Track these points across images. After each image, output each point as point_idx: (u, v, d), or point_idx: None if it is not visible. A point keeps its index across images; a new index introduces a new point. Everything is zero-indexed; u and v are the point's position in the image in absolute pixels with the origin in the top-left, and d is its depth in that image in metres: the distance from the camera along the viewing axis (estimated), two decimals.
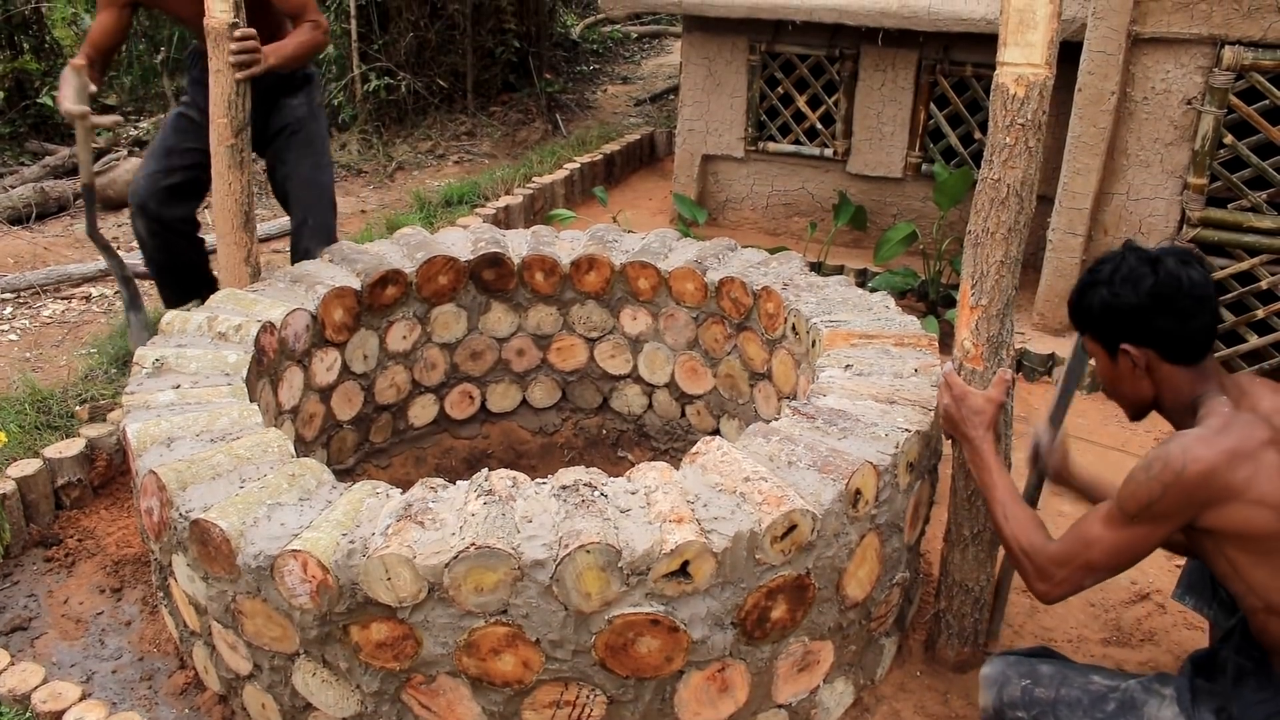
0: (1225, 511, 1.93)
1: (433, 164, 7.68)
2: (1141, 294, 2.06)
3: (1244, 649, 2.14)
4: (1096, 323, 2.15)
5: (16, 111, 7.57)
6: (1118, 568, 2.10)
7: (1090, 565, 2.09)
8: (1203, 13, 4.08)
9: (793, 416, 2.57)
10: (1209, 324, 2.08)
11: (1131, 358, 2.12)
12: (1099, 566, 2.09)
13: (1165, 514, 1.98)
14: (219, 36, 3.16)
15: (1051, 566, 2.14)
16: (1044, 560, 2.15)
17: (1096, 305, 2.13)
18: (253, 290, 3.29)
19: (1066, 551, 2.12)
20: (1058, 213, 4.55)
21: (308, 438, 3.35)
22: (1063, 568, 2.12)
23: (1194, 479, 1.93)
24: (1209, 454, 1.93)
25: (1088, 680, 2.22)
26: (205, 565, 2.27)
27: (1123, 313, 2.09)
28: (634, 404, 3.87)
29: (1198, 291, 2.05)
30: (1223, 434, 1.96)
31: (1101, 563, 2.08)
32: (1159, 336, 2.08)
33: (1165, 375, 2.12)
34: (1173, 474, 1.95)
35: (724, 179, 6.21)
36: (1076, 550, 2.10)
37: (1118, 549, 2.06)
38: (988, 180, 2.32)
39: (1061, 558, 2.13)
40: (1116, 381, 2.20)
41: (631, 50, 11.64)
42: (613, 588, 2.08)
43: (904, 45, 5.41)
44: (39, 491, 3.29)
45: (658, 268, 3.61)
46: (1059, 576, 2.13)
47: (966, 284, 2.40)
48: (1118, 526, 2.05)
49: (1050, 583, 2.15)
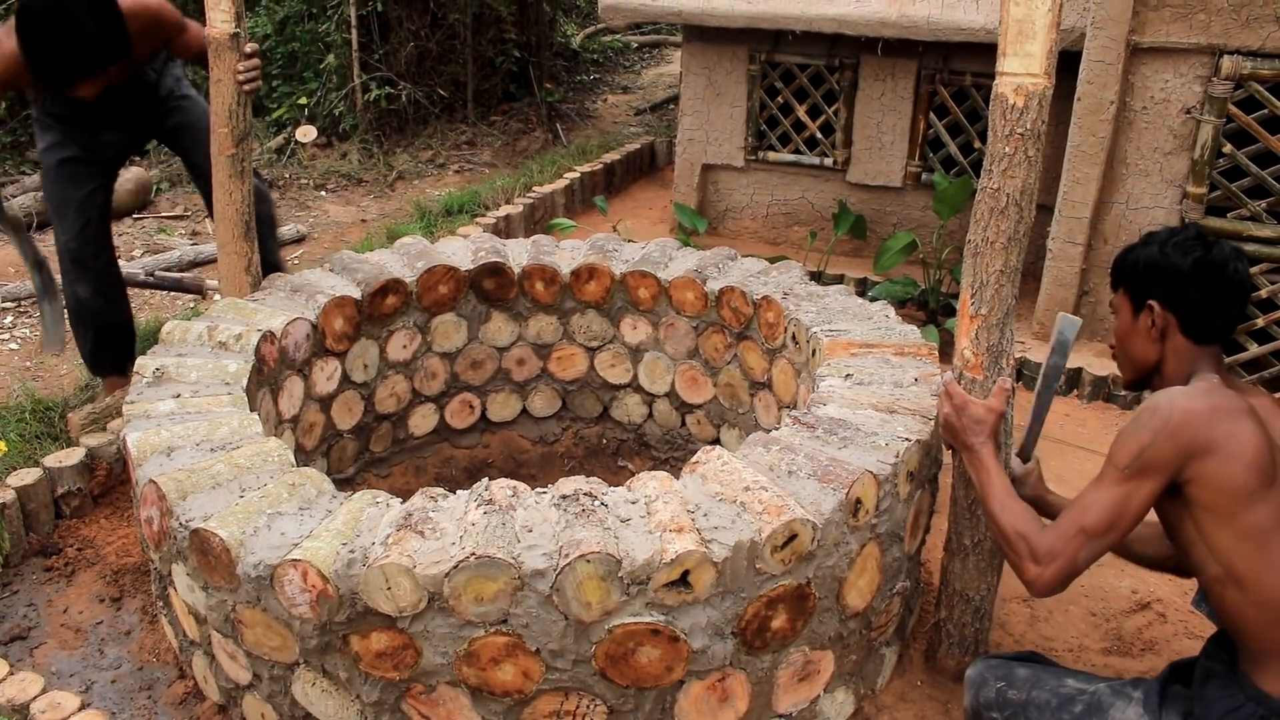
0: (1203, 463, 1.97)
1: (433, 173, 7.69)
2: (1188, 261, 2.14)
3: (1215, 653, 2.15)
4: (1135, 275, 2.22)
5: (18, 120, 7.58)
6: (1110, 530, 2.07)
7: (1086, 530, 2.07)
8: (1201, 22, 4.09)
9: (793, 426, 2.57)
10: (1235, 314, 2.16)
11: (1153, 316, 2.18)
12: (1095, 530, 2.07)
13: (1155, 463, 2.00)
14: (220, 47, 3.17)
15: (1047, 541, 2.11)
16: (1038, 539, 2.13)
17: (1142, 260, 2.20)
18: (253, 299, 3.29)
19: (1060, 524, 2.11)
20: (1057, 221, 4.56)
21: (308, 447, 3.35)
22: (1058, 540, 2.09)
23: (1180, 424, 1.98)
24: (1193, 403, 2.00)
25: (1060, 683, 2.23)
26: (205, 575, 2.27)
27: (1163, 271, 2.16)
28: (634, 413, 3.87)
29: (1238, 280, 2.14)
30: (1206, 395, 2.03)
31: (1097, 525, 2.06)
32: (1187, 306, 2.15)
33: (1176, 346, 2.19)
34: (1161, 420, 1.99)
35: (724, 188, 6.22)
36: (1071, 520, 2.09)
37: (1112, 507, 2.05)
38: (987, 189, 2.32)
39: (1056, 531, 2.11)
40: (1130, 338, 2.26)
41: (632, 60, 11.66)
42: (613, 597, 2.08)
43: (903, 55, 5.42)
44: (39, 500, 3.29)
45: (658, 277, 3.61)
46: (1055, 550, 2.09)
47: (966, 293, 2.40)
48: (1110, 484, 2.06)
49: (1045, 561, 2.10)
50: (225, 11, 3.14)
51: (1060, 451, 3.93)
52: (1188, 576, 2.49)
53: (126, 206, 6.60)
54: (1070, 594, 3.17)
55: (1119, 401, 4.39)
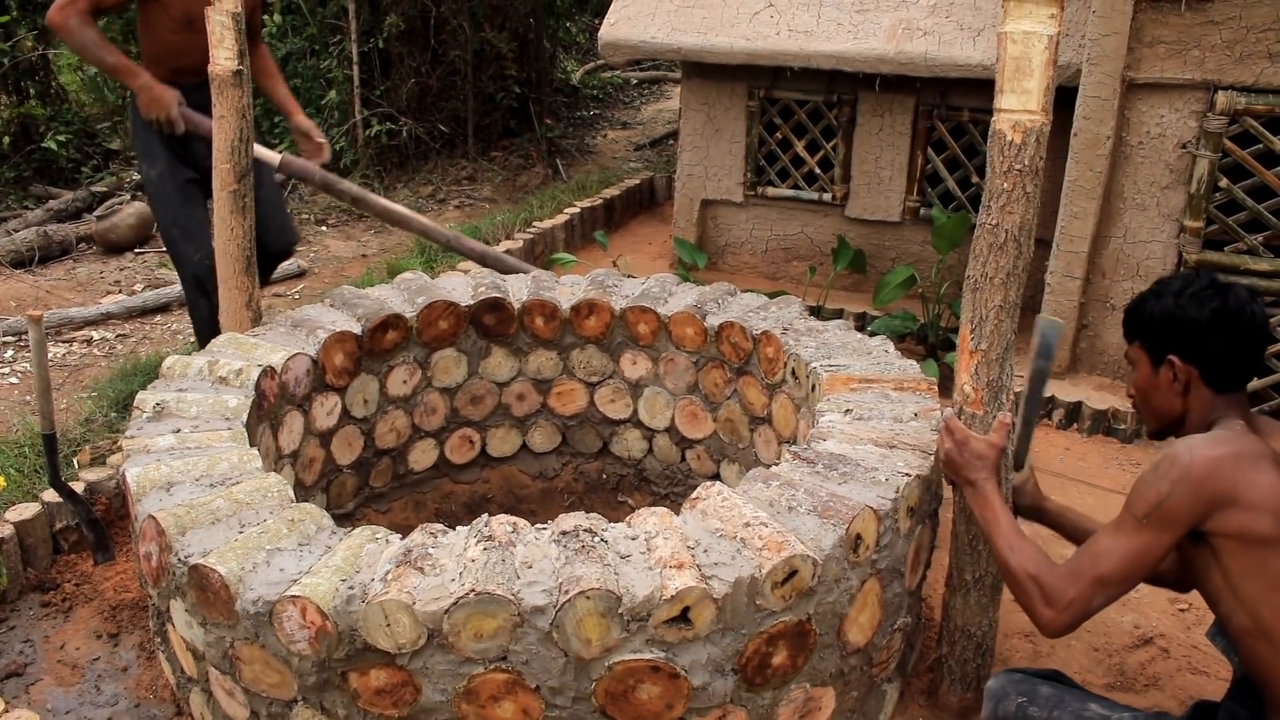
0: (1227, 515, 1.94)
1: (434, 208, 7.72)
2: (1205, 312, 2.10)
3: (1241, 698, 2.12)
4: (1152, 329, 2.19)
5: (21, 156, 7.63)
6: (1126, 580, 2.05)
7: (1101, 579, 2.05)
8: (1195, 58, 4.12)
9: (793, 461, 2.57)
10: (1257, 359, 2.14)
11: (1175, 371, 2.15)
12: (1110, 579, 2.04)
13: (1174, 514, 1.97)
14: (223, 84, 3.19)
15: (1060, 587, 2.09)
16: (1051, 582, 2.10)
17: (1158, 313, 2.17)
18: (254, 334, 3.30)
19: (1075, 569, 2.08)
20: (1055, 256, 4.57)
21: (307, 482, 3.35)
22: (1072, 586, 2.07)
23: (1200, 474, 1.94)
24: (1214, 452, 1.96)
25: (1084, 706, 2.21)
26: (204, 611, 2.26)
27: (1182, 325, 2.13)
28: (634, 448, 3.87)
29: (1257, 325, 2.11)
30: (1228, 442, 2.00)
31: (1113, 575, 2.04)
32: (1208, 357, 2.12)
33: (1199, 396, 2.16)
34: (1180, 470, 1.96)
35: (723, 223, 6.24)
36: (1085, 566, 2.07)
37: (1129, 557, 2.02)
38: (986, 225, 2.33)
39: (1070, 577, 2.08)
40: (1151, 392, 2.23)
41: (631, 96, 11.75)
42: (613, 634, 2.07)
43: (901, 91, 5.46)
44: (37, 536, 3.28)
45: (657, 312, 3.62)
46: (1068, 597, 2.07)
47: (966, 329, 2.41)
48: (1127, 533, 2.03)
49: (1058, 606, 2.09)
50: (229, 49, 3.17)
51: (1061, 486, 3.92)
52: (1185, 591, 2.48)
53: (128, 241, 6.63)
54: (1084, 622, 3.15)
55: (1119, 435, 4.39)
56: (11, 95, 7.94)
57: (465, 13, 8.22)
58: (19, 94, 7.97)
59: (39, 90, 8.07)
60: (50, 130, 7.73)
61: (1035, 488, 2.57)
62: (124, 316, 5.52)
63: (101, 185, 7.57)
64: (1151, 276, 4.43)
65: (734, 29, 5.52)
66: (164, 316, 5.59)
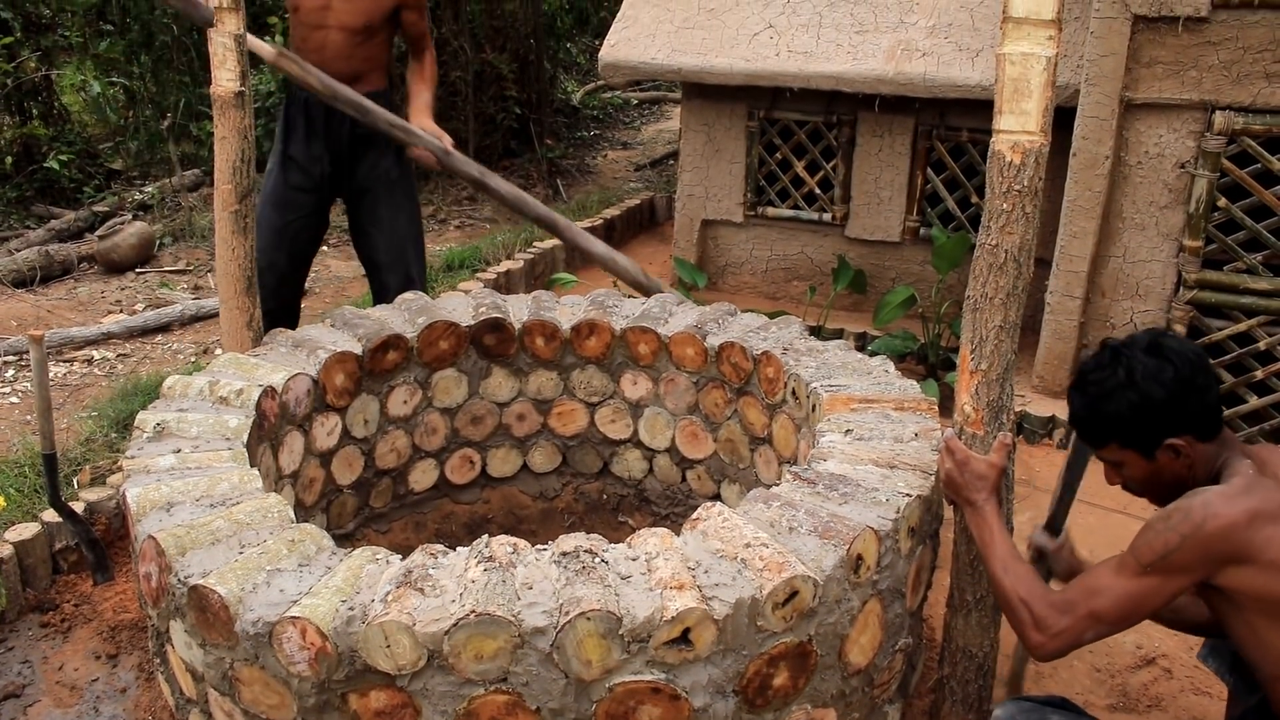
0: (1242, 573, 1.90)
1: (434, 229, 7.74)
2: (1169, 384, 2.03)
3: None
4: (1128, 427, 2.09)
5: (24, 176, 7.65)
6: (1122, 621, 2.03)
7: (1095, 615, 2.03)
8: (1193, 79, 4.14)
9: (793, 482, 2.57)
10: (1218, 391, 2.09)
11: (1176, 449, 2.07)
12: (1104, 618, 2.02)
13: (1180, 567, 1.94)
14: (225, 105, 3.21)
15: (1052, 614, 2.07)
16: (1043, 608, 2.08)
17: (1126, 411, 2.07)
18: (255, 354, 3.30)
19: (1069, 600, 2.06)
20: (1055, 276, 4.58)
21: (308, 502, 3.34)
22: (1064, 616, 2.05)
23: (1213, 533, 1.90)
24: (1230, 510, 1.91)
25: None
26: (203, 632, 2.25)
27: (1157, 409, 2.05)
28: (635, 469, 3.87)
29: (1204, 363, 2.06)
30: (1246, 494, 1.94)
31: (1107, 613, 2.02)
32: (1193, 420, 2.05)
33: (1200, 455, 2.08)
34: (1192, 526, 1.92)
35: (724, 243, 6.26)
36: (1080, 599, 2.04)
37: (1126, 600, 2.00)
38: (985, 246, 2.34)
39: (1063, 605, 2.07)
40: (1156, 477, 2.14)
41: (631, 116, 11.79)
42: (613, 655, 2.06)
43: (900, 111, 5.48)
44: (36, 556, 3.28)
45: (658, 333, 3.62)
46: (1059, 626, 2.05)
47: (966, 349, 2.41)
48: (1129, 576, 2.00)
49: (1048, 633, 2.07)
50: (231, 70, 3.19)
51: None
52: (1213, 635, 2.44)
53: (129, 261, 6.64)
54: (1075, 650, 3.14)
55: None
56: (14, 115, 7.97)
57: (466, 34, 8.27)
58: (22, 114, 8.01)
59: (42, 110, 8.11)
60: (52, 150, 7.76)
61: (1071, 553, 2.54)
62: (125, 336, 5.53)
63: (103, 205, 7.60)
64: (1151, 296, 4.44)
65: (734, 50, 5.55)
66: (165, 336, 5.60)
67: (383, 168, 4.22)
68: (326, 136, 4.12)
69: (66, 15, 8.38)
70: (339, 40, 4.02)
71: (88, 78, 8.19)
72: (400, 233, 4.27)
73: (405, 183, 4.29)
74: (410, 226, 4.31)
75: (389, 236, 4.25)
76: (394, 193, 4.25)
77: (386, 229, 4.25)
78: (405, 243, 4.28)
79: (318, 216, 4.26)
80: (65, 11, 8.33)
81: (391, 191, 4.24)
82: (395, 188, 4.25)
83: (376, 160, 4.21)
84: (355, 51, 4.06)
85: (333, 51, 4.01)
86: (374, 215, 4.25)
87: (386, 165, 4.22)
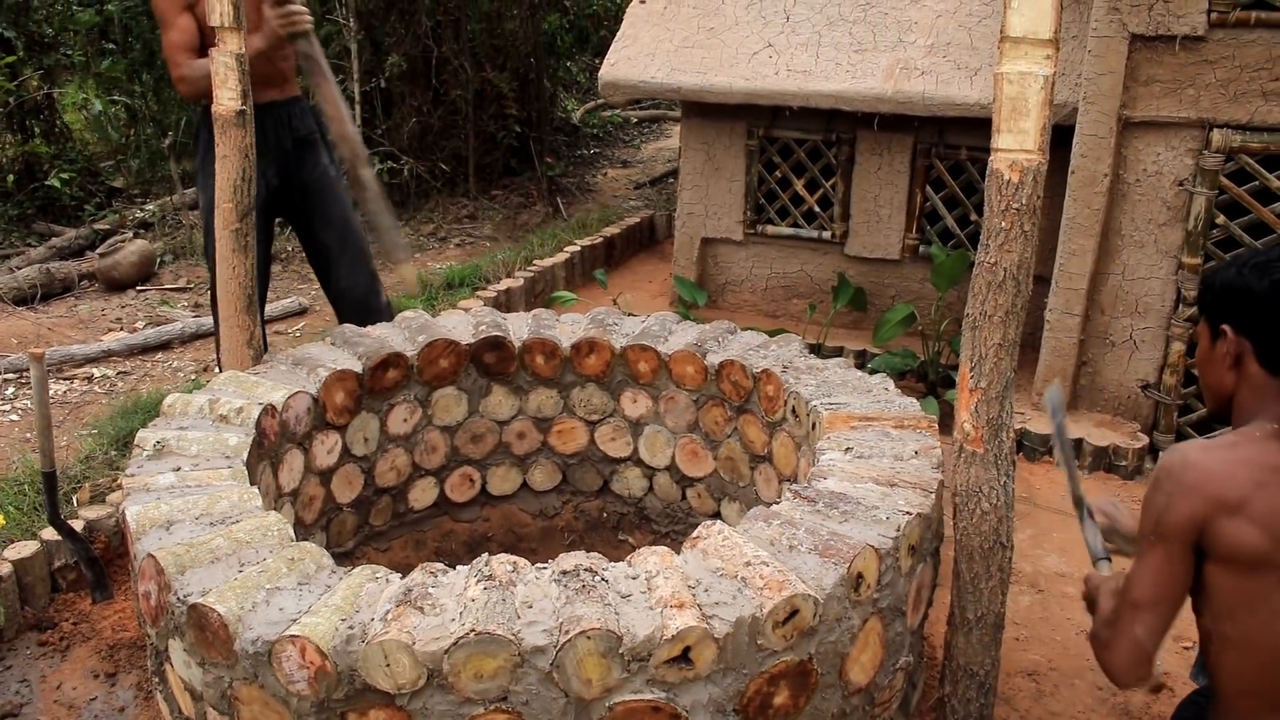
0: (1220, 526, 1.86)
1: (435, 247, 7.75)
2: (1265, 283, 1.96)
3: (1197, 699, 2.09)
4: (1212, 299, 2.06)
5: (25, 194, 7.67)
6: (1161, 601, 1.96)
7: (1135, 604, 1.97)
8: (1190, 97, 4.16)
9: (793, 500, 2.57)
10: None
11: (1227, 342, 2.02)
12: (1142, 603, 1.96)
13: (1175, 526, 1.90)
14: (226, 124, 3.22)
15: (1104, 629, 2.03)
16: (1098, 627, 2.05)
17: (1219, 283, 2.05)
18: (255, 372, 3.30)
19: (1113, 606, 2.03)
20: (1054, 293, 4.59)
21: (307, 520, 3.34)
22: (1112, 624, 2.01)
23: (1191, 481, 1.87)
24: (1204, 458, 1.89)
25: None
26: (202, 650, 2.25)
27: (1237, 294, 2.00)
28: (635, 487, 3.86)
29: None
30: (1226, 447, 1.91)
31: (1144, 598, 1.96)
32: (1262, 331, 1.98)
33: (1250, 375, 2.01)
34: (1174, 480, 1.90)
35: (723, 261, 6.27)
36: (1120, 599, 2.01)
37: (1150, 577, 1.95)
38: (984, 264, 2.34)
39: (1109, 615, 2.03)
40: (1206, 365, 2.11)
41: (631, 134, 11.83)
42: (614, 674, 2.06)
43: (899, 130, 5.50)
44: (35, 574, 3.27)
45: (658, 351, 3.63)
46: (1110, 635, 2.00)
47: (965, 366, 2.41)
48: (1145, 555, 1.97)
49: (1109, 648, 2.01)
50: (232, 89, 3.20)
51: (1063, 522, 3.91)
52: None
53: (129, 278, 6.65)
54: (1076, 668, 3.14)
55: (1120, 471, 4.38)
56: (17, 134, 8.00)
57: (467, 53, 8.30)
58: (24, 132, 8.03)
59: (43, 129, 8.14)
60: (54, 168, 7.78)
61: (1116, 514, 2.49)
62: (125, 354, 5.53)
63: (104, 223, 7.62)
64: (1150, 313, 4.45)
65: (733, 69, 5.57)
66: (165, 354, 5.60)
67: (322, 166, 4.23)
68: (271, 147, 4.05)
69: (69, 34, 8.42)
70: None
71: (90, 96, 8.22)
72: (352, 226, 4.29)
73: (341, 180, 4.30)
74: (357, 219, 4.32)
75: (343, 234, 4.26)
76: (338, 190, 4.27)
77: (338, 226, 4.26)
78: (359, 237, 4.30)
79: (264, 233, 4.18)
80: (68, 31, 8.36)
81: (336, 189, 4.26)
82: (336, 185, 4.27)
83: (317, 160, 4.22)
84: (274, 53, 3.97)
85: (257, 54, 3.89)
86: (324, 214, 4.25)
87: (325, 164, 4.24)
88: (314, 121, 4.25)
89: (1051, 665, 3.17)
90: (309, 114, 4.24)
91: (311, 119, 4.24)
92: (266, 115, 3.94)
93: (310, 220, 4.28)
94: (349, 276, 4.26)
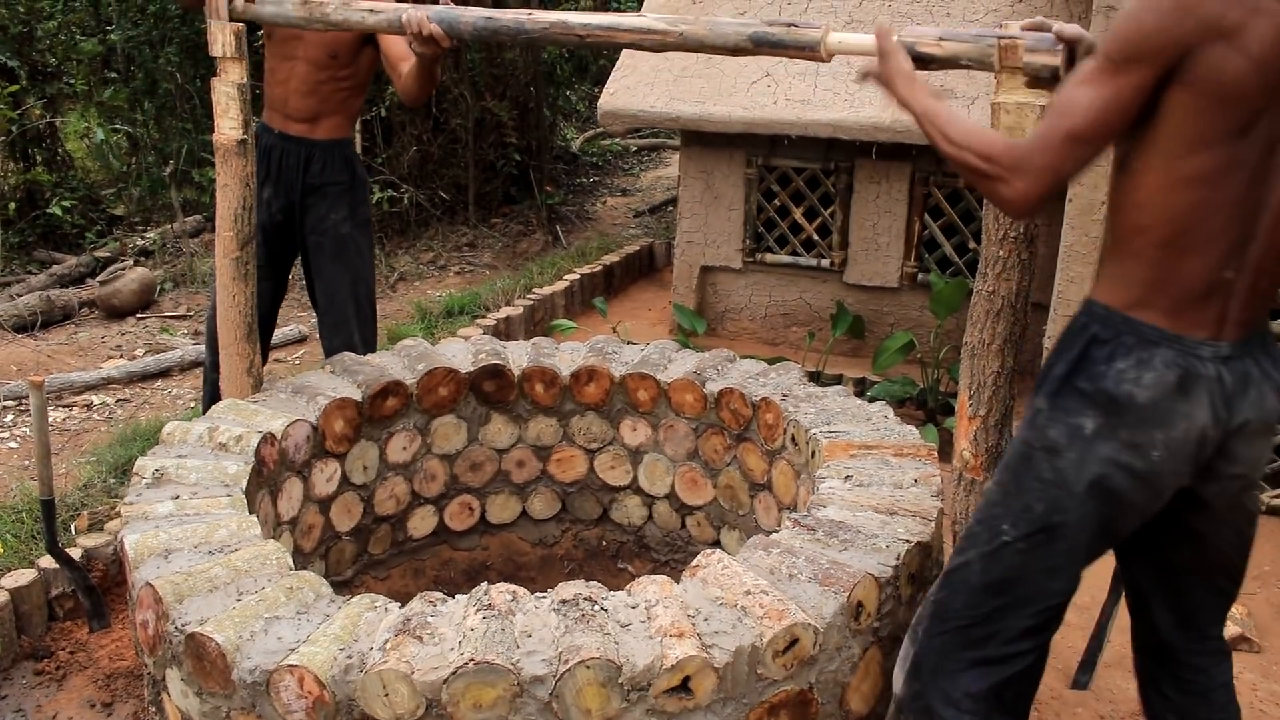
0: (1208, 50, 1.73)
1: (434, 274, 7.77)
2: None
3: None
4: None
5: (26, 221, 7.70)
6: (1100, 136, 1.83)
7: (1073, 135, 1.81)
8: None
9: (793, 528, 2.56)
10: None
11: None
12: (1082, 135, 1.81)
13: (1158, 47, 1.75)
14: (227, 153, 3.23)
15: (1030, 155, 1.84)
16: (1018, 154, 1.86)
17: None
18: (254, 401, 3.30)
19: (1042, 132, 1.85)
20: (1053, 320, 4.59)
21: (306, 549, 3.33)
22: (1040, 152, 1.83)
23: (1187, 1, 1.73)
24: None
25: None
26: (200, 680, 2.24)
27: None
28: (634, 515, 3.86)
29: None
30: None
31: (1085, 129, 1.81)
32: None
33: None
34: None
35: (722, 290, 6.28)
36: (1053, 125, 1.83)
37: (1102, 106, 1.79)
38: (983, 293, 2.35)
39: (1036, 141, 1.85)
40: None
41: (630, 163, 11.87)
42: (613, 704, 2.05)
43: (897, 158, 5.53)
44: (32, 602, 3.26)
45: (657, 379, 3.63)
46: (1039, 162, 1.83)
47: (964, 394, 2.42)
48: (1098, 79, 1.81)
49: (1029, 175, 1.84)
50: (234, 119, 3.22)
51: None
52: None
53: (130, 306, 6.66)
54: (1078, 697, 3.12)
55: None
56: (18, 162, 8.03)
57: (466, 82, 8.34)
58: (26, 161, 8.07)
59: (45, 157, 8.17)
60: (55, 196, 7.81)
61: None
62: (125, 381, 5.53)
63: (105, 250, 7.63)
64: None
65: (732, 98, 5.61)
66: (165, 381, 5.60)
67: (331, 221, 3.98)
68: (279, 182, 3.93)
69: (72, 63, 8.47)
70: (304, 72, 3.82)
71: (92, 124, 8.25)
72: (343, 292, 4.02)
73: (356, 240, 4.04)
74: (355, 287, 4.04)
75: (331, 295, 4.03)
76: (343, 249, 4.00)
77: (328, 287, 4.04)
78: (346, 303, 4.02)
79: (271, 268, 3.97)
80: (71, 60, 8.41)
81: (340, 248, 4.00)
82: (344, 244, 4.00)
83: (326, 213, 3.97)
84: (319, 88, 3.85)
85: (297, 84, 3.84)
86: (319, 269, 4.03)
87: (336, 219, 3.98)
88: (343, 173, 3.99)
89: (1053, 694, 3.15)
90: (338, 164, 3.99)
91: (340, 170, 3.98)
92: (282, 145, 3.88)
93: (308, 268, 4.12)
94: (328, 339, 4.09)
